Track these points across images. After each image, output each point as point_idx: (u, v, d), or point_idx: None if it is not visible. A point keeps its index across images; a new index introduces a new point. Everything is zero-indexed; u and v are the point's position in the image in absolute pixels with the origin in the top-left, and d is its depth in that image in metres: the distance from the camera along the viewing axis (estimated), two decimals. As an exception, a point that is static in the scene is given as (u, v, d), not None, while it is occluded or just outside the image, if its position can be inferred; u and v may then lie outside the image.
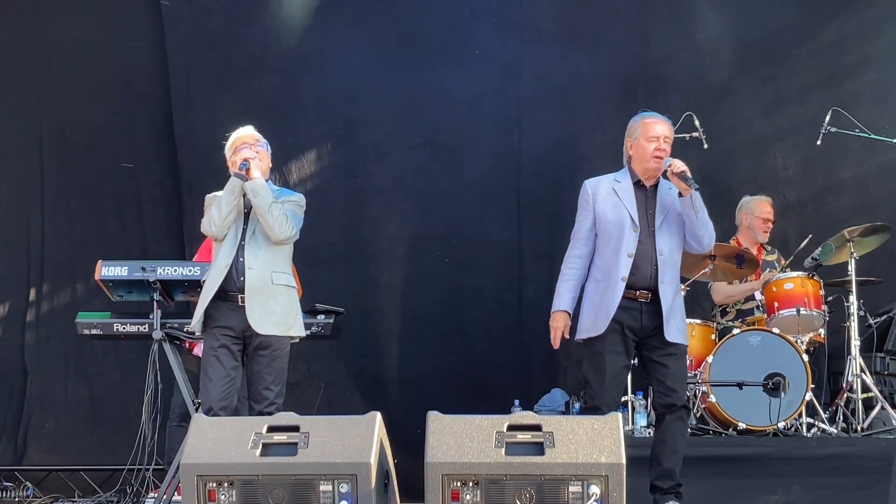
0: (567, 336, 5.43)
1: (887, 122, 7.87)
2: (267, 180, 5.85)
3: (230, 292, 5.69)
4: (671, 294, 5.36)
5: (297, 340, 5.89)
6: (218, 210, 5.72)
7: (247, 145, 5.84)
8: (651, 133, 5.42)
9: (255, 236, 5.75)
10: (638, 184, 5.47)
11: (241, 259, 5.70)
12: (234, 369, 5.68)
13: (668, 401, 5.35)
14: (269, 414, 5.33)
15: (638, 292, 5.34)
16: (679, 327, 5.39)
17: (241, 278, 5.67)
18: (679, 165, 5.34)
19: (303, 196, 5.95)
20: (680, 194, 5.38)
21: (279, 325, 5.70)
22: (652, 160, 5.40)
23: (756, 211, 7.57)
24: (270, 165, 5.97)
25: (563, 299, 5.45)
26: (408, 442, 5.93)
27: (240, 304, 5.66)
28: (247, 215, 5.78)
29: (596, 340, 5.36)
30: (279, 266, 5.76)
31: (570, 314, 5.44)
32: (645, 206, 5.41)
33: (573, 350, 6.56)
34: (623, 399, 6.82)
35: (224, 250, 5.74)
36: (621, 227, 5.37)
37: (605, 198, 5.45)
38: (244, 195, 5.75)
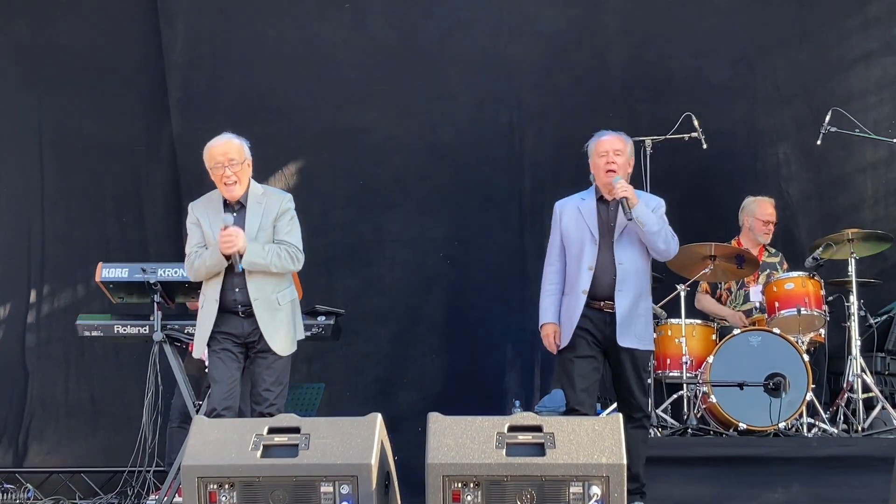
0: (559, 342, 5.66)
1: (889, 119, 7.87)
2: (248, 188, 5.67)
3: (231, 305, 5.64)
4: (628, 300, 5.58)
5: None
6: (204, 268, 5.59)
7: (221, 167, 5.62)
8: (601, 149, 5.69)
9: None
10: (601, 199, 5.72)
11: (244, 287, 5.57)
12: (237, 370, 5.66)
13: (626, 411, 5.55)
14: (270, 415, 5.32)
15: (602, 303, 5.60)
16: (638, 333, 5.60)
17: (247, 307, 5.57)
18: (620, 191, 5.56)
19: (290, 196, 5.77)
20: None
21: (292, 342, 5.69)
22: (604, 174, 5.65)
23: (757, 212, 7.54)
24: (251, 168, 5.74)
25: (547, 312, 5.74)
26: (408, 442, 5.93)
27: (240, 315, 5.60)
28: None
29: (566, 349, 5.63)
30: (282, 285, 5.69)
31: (556, 323, 5.68)
32: (606, 220, 5.67)
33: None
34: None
35: (217, 281, 5.59)
36: (582, 242, 5.66)
37: (570, 216, 5.76)
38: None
